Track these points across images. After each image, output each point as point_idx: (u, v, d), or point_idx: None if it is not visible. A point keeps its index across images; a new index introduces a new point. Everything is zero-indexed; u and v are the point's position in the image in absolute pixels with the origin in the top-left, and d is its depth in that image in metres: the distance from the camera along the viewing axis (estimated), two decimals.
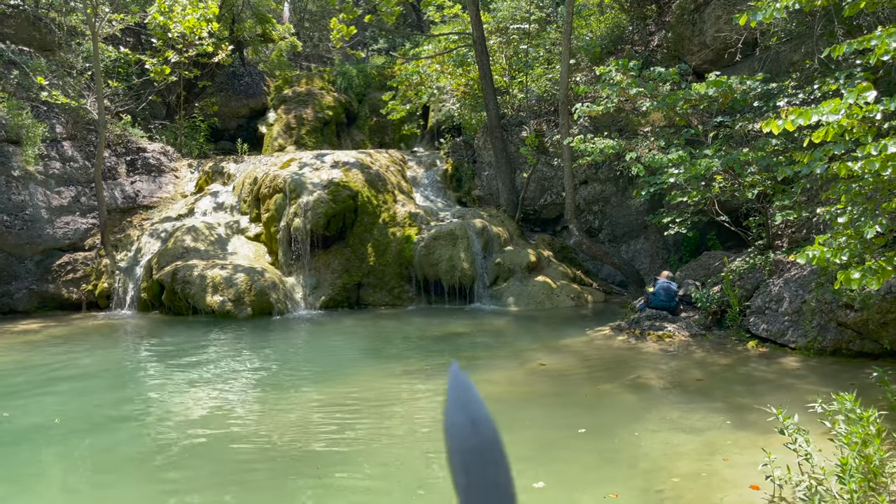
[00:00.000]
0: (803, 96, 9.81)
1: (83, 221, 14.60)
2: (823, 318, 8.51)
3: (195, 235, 13.82)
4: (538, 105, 16.62)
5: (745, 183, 10.13)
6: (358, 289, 13.85)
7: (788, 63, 12.29)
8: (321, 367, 8.77)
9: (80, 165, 15.01)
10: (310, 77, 21.73)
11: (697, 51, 14.12)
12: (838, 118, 5.20)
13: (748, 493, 4.45)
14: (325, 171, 14.54)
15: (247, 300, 12.29)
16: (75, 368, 8.85)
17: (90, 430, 6.26)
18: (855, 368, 7.68)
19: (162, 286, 13.01)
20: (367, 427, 6.17)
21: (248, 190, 15.08)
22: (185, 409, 6.91)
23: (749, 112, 10.94)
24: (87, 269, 14.13)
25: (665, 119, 12.49)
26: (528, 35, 16.62)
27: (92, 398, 7.35)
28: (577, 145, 11.62)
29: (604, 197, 15.25)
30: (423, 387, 7.59)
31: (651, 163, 10.47)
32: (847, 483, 3.63)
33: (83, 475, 5.21)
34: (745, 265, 10.24)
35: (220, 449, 5.63)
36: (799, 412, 4.62)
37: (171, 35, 16.41)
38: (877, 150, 5.06)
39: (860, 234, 5.67)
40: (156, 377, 8.48)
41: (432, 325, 11.52)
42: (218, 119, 20.05)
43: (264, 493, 4.74)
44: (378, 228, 14.23)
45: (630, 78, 11.05)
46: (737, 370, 8.03)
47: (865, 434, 3.79)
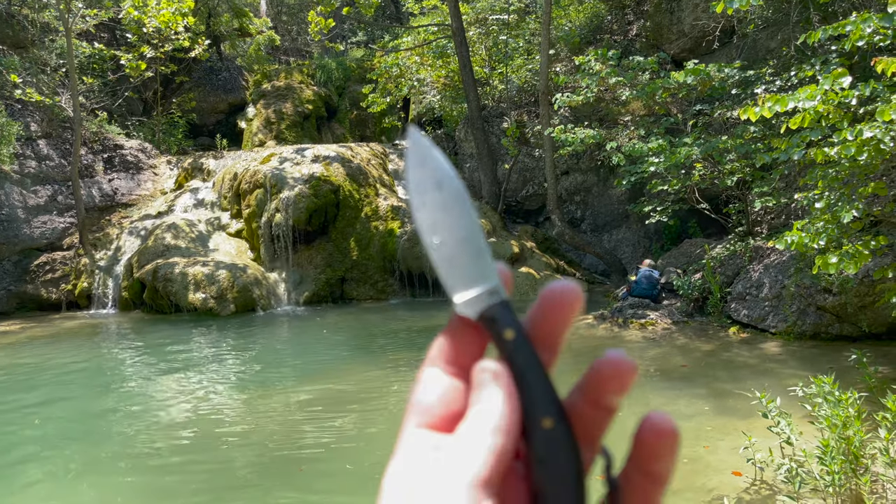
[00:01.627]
0: (780, 83, 9.89)
1: (61, 220, 14.40)
2: (803, 303, 8.62)
3: (176, 233, 13.68)
4: (519, 96, 16.62)
5: (724, 170, 10.20)
6: (341, 283, 13.80)
7: (765, 50, 12.38)
8: (306, 363, 8.74)
9: (57, 164, 14.79)
10: (289, 71, 21.54)
11: (676, 39, 14.18)
12: (814, 104, 5.24)
13: (730, 477, 4.50)
14: (306, 165, 14.44)
15: (229, 297, 12.20)
16: (57, 369, 8.74)
17: (72, 432, 6.19)
18: (834, 352, 7.78)
19: (143, 284, 12.89)
20: (352, 422, 6.16)
21: (228, 186, 14.94)
22: (168, 408, 6.85)
23: (727, 99, 11.01)
24: (66, 269, 13.94)
25: (645, 108, 12.55)
26: (507, 26, 16.59)
27: (73, 399, 7.26)
28: (558, 135, 11.64)
29: (585, 187, 15.30)
30: (410, 380, 7.58)
31: (631, 152, 10.52)
32: (828, 465, 3.67)
33: (63, 477, 5.15)
34: (725, 252, 10.33)
35: (204, 449, 5.59)
36: (780, 396, 4.66)
37: (146, 30, 16.18)
38: (852, 135, 5.11)
39: (837, 219, 5.72)
40: (139, 376, 8.40)
41: (417, 318, 11.51)
42: (196, 115, 19.82)
43: (249, 492, 4.72)
44: (360, 222, 14.18)
45: (609, 67, 11.08)
46: (719, 356, 8.11)
47: (845, 416, 3.83)
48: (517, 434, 0.43)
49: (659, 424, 0.45)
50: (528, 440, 0.44)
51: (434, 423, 0.45)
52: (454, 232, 0.47)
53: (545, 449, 0.44)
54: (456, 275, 0.47)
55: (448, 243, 0.47)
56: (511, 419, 0.43)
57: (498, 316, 0.46)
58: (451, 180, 0.47)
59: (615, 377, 0.45)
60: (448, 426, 0.45)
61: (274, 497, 4.62)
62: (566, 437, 0.44)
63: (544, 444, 0.44)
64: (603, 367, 0.45)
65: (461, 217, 0.47)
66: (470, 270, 0.47)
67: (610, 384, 0.45)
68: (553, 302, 0.47)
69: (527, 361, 0.45)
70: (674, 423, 0.45)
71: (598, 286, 13.96)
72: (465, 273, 0.47)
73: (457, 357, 0.47)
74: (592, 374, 0.46)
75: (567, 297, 0.46)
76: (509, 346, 0.45)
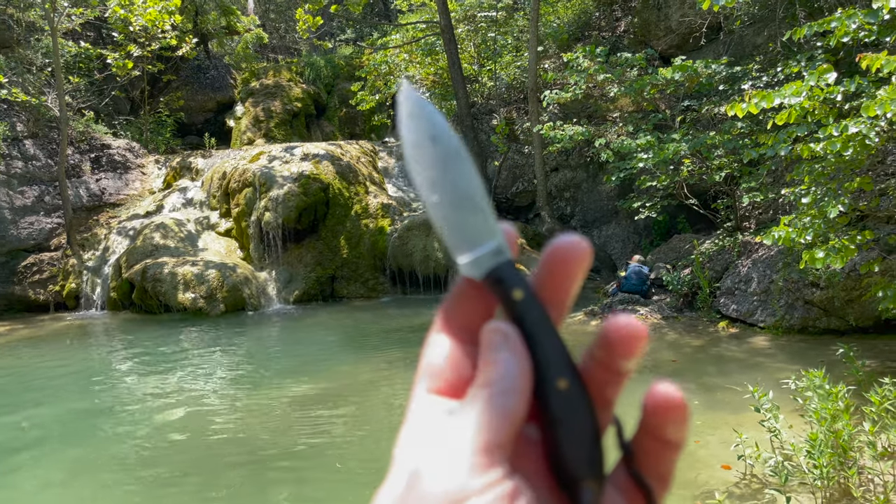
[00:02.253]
0: (767, 79, 9.95)
1: (48, 221, 14.29)
2: (791, 297, 8.68)
3: (164, 232, 13.61)
4: (508, 93, 16.62)
5: (712, 166, 10.26)
6: (332, 282, 13.78)
7: (752, 46, 12.45)
8: (297, 362, 8.72)
9: (43, 164, 14.67)
10: (277, 69, 21.44)
11: (663, 36, 14.23)
12: (800, 100, 5.27)
13: (721, 472, 4.53)
14: (295, 163, 14.39)
15: (219, 296, 12.15)
16: (45, 371, 8.68)
17: (59, 434, 6.15)
18: (822, 345, 7.83)
19: (132, 285, 12.81)
20: (345, 421, 6.16)
21: (217, 185, 14.87)
22: (158, 409, 6.82)
23: (715, 96, 11.07)
24: (54, 270, 13.84)
25: (633, 104, 12.59)
26: (495, 23, 16.59)
27: (61, 401, 7.22)
28: (547, 132, 11.66)
29: (575, 183, 15.34)
30: (401, 378, 7.59)
31: (620, 148, 10.55)
32: (817, 458, 3.70)
33: (52, 481, 5.12)
34: (714, 247, 10.39)
35: (195, 450, 5.57)
36: (770, 390, 4.70)
37: (132, 29, 16.05)
38: (838, 130, 5.15)
39: (824, 214, 5.77)
40: (128, 378, 8.36)
41: (408, 316, 11.51)
42: (184, 114, 19.70)
43: (241, 494, 4.71)
44: (350, 220, 14.15)
45: (597, 64, 11.10)
46: (708, 351, 8.15)
47: (834, 410, 3.86)
48: (529, 396, 0.42)
49: (664, 396, 0.43)
50: (542, 402, 0.43)
51: (444, 388, 0.44)
52: (454, 189, 0.45)
53: (560, 410, 0.42)
54: (458, 234, 0.45)
55: (448, 201, 0.45)
56: (523, 380, 0.42)
57: (505, 276, 0.44)
58: (446, 134, 0.45)
59: (624, 342, 0.43)
60: (458, 391, 0.44)
61: (264, 497, 4.61)
62: (582, 397, 0.43)
63: (559, 406, 0.42)
64: (611, 331, 0.44)
65: (460, 173, 0.45)
66: (473, 229, 0.45)
67: (619, 349, 0.44)
68: (560, 257, 0.45)
69: (537, 321, 0.44)
70: (679, 394, 0.44)
71: (587, 282, 14.01)
72: (468, 232, 0.45)
73: (464, 321, 0.46)
74: (601, 338, 0.44)
75: (575, 252, 0.44)
76: (518, 306, 0.44)
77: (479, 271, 0.45)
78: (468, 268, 0.45)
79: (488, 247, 0.44)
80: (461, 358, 0.45)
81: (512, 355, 0.42)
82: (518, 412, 0.41)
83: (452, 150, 0.45)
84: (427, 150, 0.45)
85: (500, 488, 0.39)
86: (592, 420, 0.43)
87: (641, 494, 0.44)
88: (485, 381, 0.42)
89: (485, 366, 0.43)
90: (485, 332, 0.44)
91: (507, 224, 0.46)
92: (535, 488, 0.41)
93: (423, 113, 0.45)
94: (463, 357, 0.45)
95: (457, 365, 0.45)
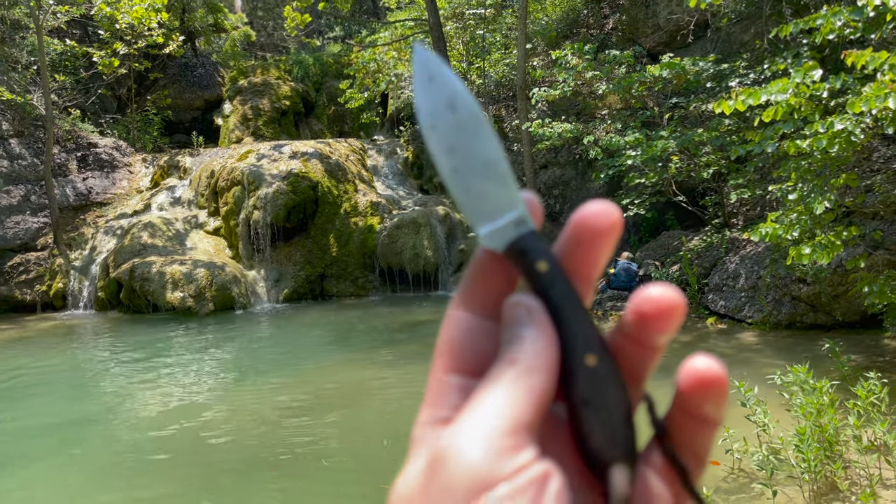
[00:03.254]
0: (754, 76, 10.00)
1: (34, 220, 14.16)
2: (778, 293, 8.74)
3: (152, 231, 13.52)
4: (496, 90, 16.63)
5: (700, 163, 10.30)
6: (321, 280, 13.74)
7: (739, 44, 12.51)
8: (286, 361, 8.69)
9: (29, 163, 14.54)
10: (265, 67, 21.34)
11: (651, 33, 14.27)
12: (786, 97, 5.30)
13: (709, 467, 4.54)
14: (284, 162, 14.34)
15: (208, 295, 12.09)
16: (32, 371, 8.60)
17: (46, 436, 6.10)
18: (809, 341, 7.88)
19: (120, 284, 12.73)
20: (333, 420, 6.14)
21: (205, 183, 14.79)
22: (146, 410, 6.78)
23: (703, 93, 11.11)
24: (41, 270, 13.72)
25: (621, 102, 12.62)
26: (484, 20, 16.58)
27: (48, 402, 7.15)
28: (536, 130, 11.67)
29: (564, 181, 15.36)
30: (390, 376, 7.57)
31: (609, 146, 10.58)
32: (805, 452, 3.72)
33: (37, 482, 5.07)
34: (702, 244, 10.44)
35: (182, 451, 5.53)
36: (757, 385, 4.72)
37: (118, 26, 15.93)
38: (824, 127, 5.18)
39: (810, 210, 5.80)
40: (116, 378, 8.30)
41: (397, 314, 11.50)
42: (172, 112, 19.57)
43: (228, 493, 4.69)
44: (339, 219, 14.12)
45: (586, 62, 11.12)
46: (696, 346, 8.19)
47: (820, 404, 3.89)
48: (557, 373, 0.39)
49: (704, 371, 0.40)
50: (570, 380, 0.40)
51: (463, 366, 0.41)
52: (473, 156, 0.42)
53: (590, 388, 0.40)
54: (478, 204, 0.42)
55: (467, 169, 0.42)
56: (550, 357, 0.40)
57: (528, 247, 0.42)
58: (465, 99, 0.43)
59: (659, 314, 0.40)
60: (477, 370, 0.41)
61: (252, 497, 4.59)
62: (612, 374, 0.40)
63: (589, 383, 0.40)
64: (643, 305, 0.40)
65: (480, 140, 0.43)
66: (493, 198, 0.42)
67: (654, 322, 0.40)
68: (588, 227, 0.41)
69: (563, 295, 0.41)
70: (720, 369, 0.40)
71: None
72: (489, 201, 0.42)
73: (484, 297, 0.43)
74: (634, 310, 0.41)
75: (604, 220, 0.41)
76: (543, 278, 0.41)
77: (500, 242, 0.42)
78: (489, 239, 0.42)
79: (510, 216, 0.42)
80: (481, 335, 0.42)
81: (538, 330, 0.40)
82: (546, 391, 0.39)
83: (473, 116, 0.43)
84: (444, 116, 0.43)
85: (530, 472, 0.36)
86: (623, 398, 0.40)
87: (676, 474, 0.41)
88: (510, 359, 0.40)
89: (508, 342, 0.41)
90: (507, 306, 0.42)
91: (529, 193, 0.44)
92: (565, 470, 0.39)
93: (439, 76, 0.43)
94: (483, 334, 0.42)
95: (476, 342, 0.42)
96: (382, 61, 17.42)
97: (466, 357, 0.42)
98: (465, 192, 0.42)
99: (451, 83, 0.43)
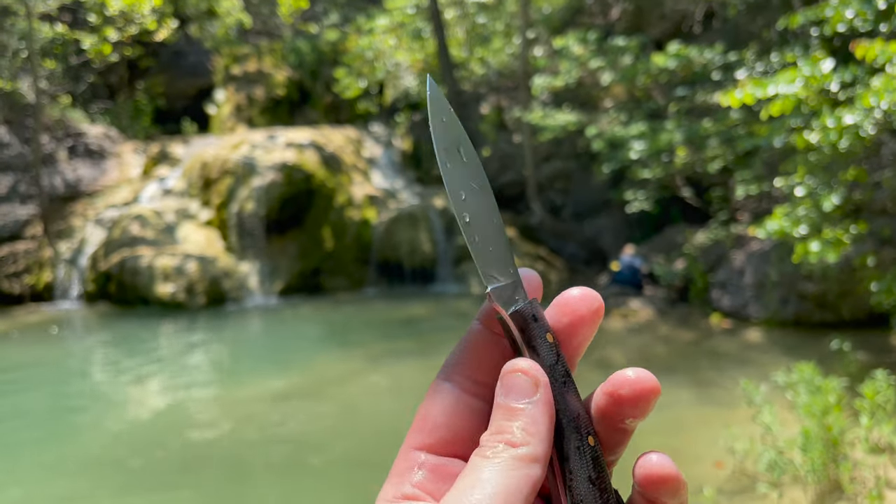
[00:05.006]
0: (762, 68, 9.75)
1: (22, 211, 13.88)
2: (784, 291, 8.55)
3: (142, 223, 13.26)
4: (497, 80, 16.33)
5: (706, 156, 10.06)
6: (316, 274, 13.50)
7: (747, 34, 12.24)
8: (279, 357, 8.50)
9: (17, 152, 14.24)
10: (260, 54, 21.00)
11: (657, 22, 13.98)
12: (795, 89, 5.13)
13: (712, 468, 4.45)
14: (278, 152, 14.06)
15: (199, 289, 11.85)
16: (18, 364, 8.40)
17: (32, 431, 5.91)
18: (815, 339, 7.78)
19: (109, 277, 12.48)
20: (325, 416, 5.95)
21: (197, 174, 14.50)
22: (135, 406, 6.60)
23: (709, 84, 10.86)
24: (29, 261, 13.46)
25: (626, 93, 12.37)
26: (485, 7, 16.26)
27: (36, 396, 6.95)
28: (538, 121, 11.40)
29: (566, 174, 15.10)
30: (386, 372, 7.38)
31: (613, 138, 10.33)
32: (809, 453, 3.69)
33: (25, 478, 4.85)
34: (707, 239, 10.22)
35: (170, 446, 5.35)
36: (762, 385, 4.63)
37: (109, 12, 15.58)
38: (833, 121, 4.99)
39: (818, 206, 5.65)
40: (104, 372, 8.10)
41: (394, 309, 11.31)
42: (163, 100, 19.25)
43: (219, 488, 4.50)
44: (335, 211, 13.87)
45: (590, 52, 10.85)
46: (701, 345, 8.04)
47: (825, 404, 3.85)
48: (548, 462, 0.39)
49: (658, 469, 0.39)
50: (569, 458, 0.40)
51: (436, 446, 0.41)
52: (482, 212, 0.46)
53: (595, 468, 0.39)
54: (488, 258, 0.45)
55: (478, 224, 0.46)
56: (549, 443, 0.39)
57: (539, 314, 0.43)
58: (468, 146, 0.48)
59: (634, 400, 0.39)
60: (451, 451, 0.41)
61: (243, 495, 4.40)
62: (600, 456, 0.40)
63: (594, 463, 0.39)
64: (620, 388, 0.40)
65: (485, 196, 0.47)
66: (501, 257, 0.45)
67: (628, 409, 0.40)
68: (576, 311, 0.42)
69: (566, 372, 0.41)
70: (673, 467, 0.39)
71: (579, 275, 13.82)
72: (497, 259, 0.45)
73: (474, 370, 0.43)
74: (608, 395, 0.40)
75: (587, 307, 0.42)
76: (549, 351, 0.42)
77: (507, 302, 0.43)
78: (498, 297, 0.43)
79: (514, 278, 0.44)
80: (463, 412, 0.42)
81: (542, 411, 0.39)
82: (540, 482, 0.38)
83: (476, 167, 0.48)
84: (454, 157, 0.47)
85: None
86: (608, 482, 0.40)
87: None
88: (507, 439, 0.38)
89: (507, 415, 0.39)
90: (510, 371, 0.41)
91: (529, 270, 0.47)
92: None
93: (451, 120, 0.48)
94: (465, 412, 0.42)
95: (455, 420, 0.42)
96: (380, 49, 17.11)
97: (441, 435, 0.41)
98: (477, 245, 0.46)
99: (458, 127, 0.49)
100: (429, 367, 7.01)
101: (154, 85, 19.02)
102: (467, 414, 0.42)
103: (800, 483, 3.89)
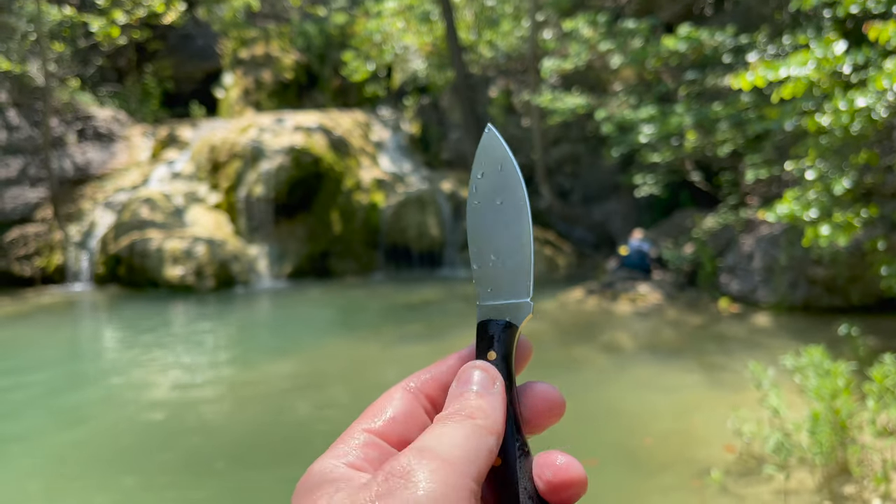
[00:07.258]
0: (773, 50, 9.63)
1: (33, 194, 13.95)
2: (793, 275, 8.51)
3: (151, 206, 13.30)
4: (506, 63, 16.22)
5: (716, 140, 9.98)
6: (324, 258, 13.53)
7: (759, 16, 12.08)
8: (288, 340, 8.52)
9: (27, 135, 14.29)
10: (268, 38, 20.92)
11: (667, 4, 13.82)
12: (806, 72, 5.07)
13: (720, 450, 4.45)
14: (286, 135, 14.04)
15: (208, 272, 11.90)
16: (29, 346, 8.46)
17: (43, 413, 5.94)
18: (824, 324, 7.74)
19: (118, 260, 12.55)
20: (333, 400, 5.97)
21: (205, 157, 14.52)
22: (145, 388, 6.62)
23: (720, 67, 10.75)
24: (40, 244, 13.54)
25: (636, 76, 12.26)
26: None
27: (45, 379, 7.00)
28: (547, 103, 11.34)
29: (575, 158, 15.03)
30: (395, 355, 7.40)
31: (622, 121, 10.26)
32: (817, 436, 3.70)
33: (33, 458, 4.91)
34: (716, 224, 10.17)
35: (178, 431, 5.37)
36: (771, 368, 4.61)
37: None
38: (845, 104, 4.94)
39: (829, 189, 5.61)
40: (114, 355, 8.15)
41: (402, 293, 11.32)
42: (172, 83, 19.22)
43: (226, 483, 4.53)
44: (343, 195, 13.86)
45: (599, 34, 10.75)
46: (709, 329, 8.01)
47: (834, 387, 3.85)
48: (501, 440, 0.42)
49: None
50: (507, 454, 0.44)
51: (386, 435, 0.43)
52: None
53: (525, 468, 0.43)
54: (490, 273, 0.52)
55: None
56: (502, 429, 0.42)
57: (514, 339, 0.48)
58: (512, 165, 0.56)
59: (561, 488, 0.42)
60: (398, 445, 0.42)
61: (253, 479, 4.43)
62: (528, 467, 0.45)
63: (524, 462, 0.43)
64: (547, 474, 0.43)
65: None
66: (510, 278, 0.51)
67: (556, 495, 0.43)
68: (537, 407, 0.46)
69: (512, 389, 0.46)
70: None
71: (587, 259, 13.80)
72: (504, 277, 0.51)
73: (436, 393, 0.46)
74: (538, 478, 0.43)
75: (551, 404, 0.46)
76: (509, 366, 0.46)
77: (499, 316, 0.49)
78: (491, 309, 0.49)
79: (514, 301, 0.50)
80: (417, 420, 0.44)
81: (499, 401, 0.42)
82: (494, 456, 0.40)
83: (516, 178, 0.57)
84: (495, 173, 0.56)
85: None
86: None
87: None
88: (467, 412, 0.41)
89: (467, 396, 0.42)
90: (471, 368, 0.44)
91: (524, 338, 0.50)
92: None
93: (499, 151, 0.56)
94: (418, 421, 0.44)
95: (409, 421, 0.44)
96: (388, 32, 17.01)
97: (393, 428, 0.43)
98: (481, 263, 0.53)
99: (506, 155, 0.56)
100: (437, 351, 7.03)
101: (162, 68, 18.99)
102: (420, 423, 0.44)
103: (807, 465, 3.90)
